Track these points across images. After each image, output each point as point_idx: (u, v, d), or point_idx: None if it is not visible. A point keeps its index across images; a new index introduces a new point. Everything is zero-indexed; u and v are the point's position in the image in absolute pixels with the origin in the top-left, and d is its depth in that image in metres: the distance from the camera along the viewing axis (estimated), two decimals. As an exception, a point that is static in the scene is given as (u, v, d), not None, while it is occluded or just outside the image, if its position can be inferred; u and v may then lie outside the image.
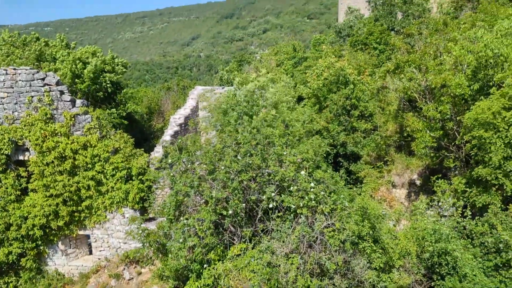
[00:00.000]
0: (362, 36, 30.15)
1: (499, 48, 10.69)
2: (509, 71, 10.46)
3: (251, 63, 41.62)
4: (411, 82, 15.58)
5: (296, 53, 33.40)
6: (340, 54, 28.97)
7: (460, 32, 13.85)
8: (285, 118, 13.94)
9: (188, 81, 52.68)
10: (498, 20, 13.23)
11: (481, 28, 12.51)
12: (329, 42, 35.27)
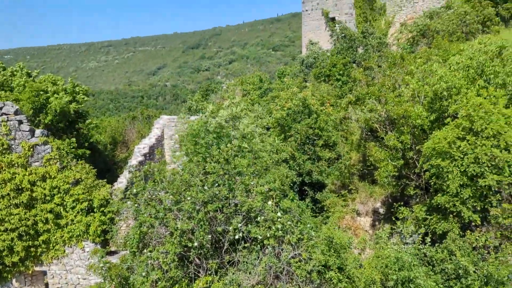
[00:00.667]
0: (325, 68, 31.16)
1: (452, 81, 11.36)
2: (461, 103, 11.08)
3: (218, 92, 41.89)
4: (371, 113, 16.18)
5: (262, 84, 34.00)
6: (304, 85, 29.76)
7: (417, 66, 14.63)
8: (254, 148, 14.03)
9: (153, 110, 52.26)
10: (450, 55, 14.10)
11: (436, 62, 13.27)
12: (294, 74, 36.19)
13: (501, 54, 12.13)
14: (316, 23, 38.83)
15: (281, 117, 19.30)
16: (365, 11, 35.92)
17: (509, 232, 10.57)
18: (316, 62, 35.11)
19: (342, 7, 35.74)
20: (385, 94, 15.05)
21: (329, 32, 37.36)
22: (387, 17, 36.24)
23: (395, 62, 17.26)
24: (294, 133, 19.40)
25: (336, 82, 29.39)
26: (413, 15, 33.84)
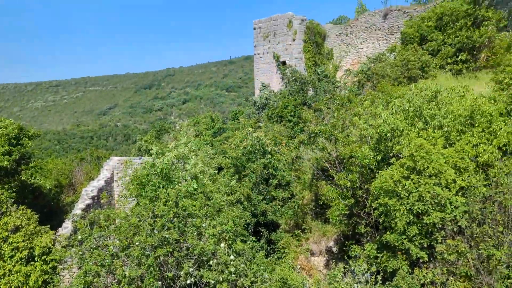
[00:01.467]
0: (277, 110, 31.97)
1: (394, 123, 12.03)
2: (404, 144, 11.69)
3: (170, 133, 41.55)
4: (322, 152, 16.65)
5: (214, 124, 34.19)
6: (258, 126, 30.22)
7: (363, 108, 15.37)
8: (205, 189, 13.87)
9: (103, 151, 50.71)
10: (393, 99, 14.98)
11: (380, 105, 14.04)
12: (247, 114, 36.79)
13: (437, 98, 13.06)
14: (267, 66, 40.13)
15: (236, 157, 19.38)
16: (314, 56, 37.66)
17: (454, 268, 10.95)
18: (269, 103, 36.02)
19: (292, 52, 37.29)
20: (335, 134, 15.61)
21: (281, 75, 38.68)
22: (334, 62, 38.15)
23: (343, 104, 18.08)
24: (249, 173, 19.47)
25: (288, 123, 30.17)
26: (358, 60, 35.87)
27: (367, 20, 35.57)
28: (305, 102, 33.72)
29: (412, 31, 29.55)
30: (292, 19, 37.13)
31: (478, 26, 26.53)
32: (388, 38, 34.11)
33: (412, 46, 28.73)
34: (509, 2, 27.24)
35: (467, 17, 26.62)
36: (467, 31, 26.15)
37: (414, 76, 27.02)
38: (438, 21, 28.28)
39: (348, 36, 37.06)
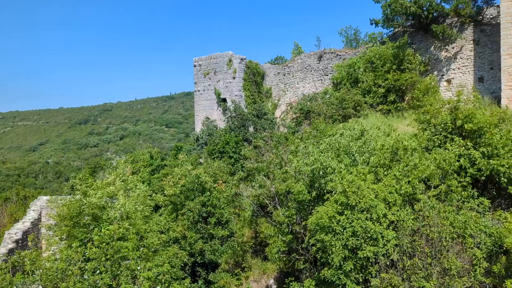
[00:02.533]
0: (219, 146, 32.01)
1: (325, 161, 12.52)
2: (337, 181, 12.14)
3: (106, 170, 39.95)
4: (261, 189, 16.79)
5: (153, 161, 33.42)
6: (198, 162, 29.95)
7: (298, 145, 15.85)
8: (139, 229, 13.31)
9: (31, 190, 47.36)
10: (326, 137, 15.62)
11: (312, 144, 14.57)
12: (188, 151, 36.44)
13: (364, 136, 13.82)
14: (208, 103, 40.41)
15: (174, 195, 18.93)
16: (253, 94, 38.59)
17: (388, 301, 11.26)
18: (210, 139, 36.02)
19: (232, 89, 37.97)
20: (273, 171, 15.86)
21: (221, 111, 39.06)
22: (273, 100, 39.30)
23: (280, 142, 18.55)
24: (187, 211, 19.04)
25: (230, 159, 30.24)
26: (296, 99, 37.23)
27: (303, 61, 37.33)
28: (246, 139, 34.15)
29: (344, 74, 31.39)
30: (232, 58, 38.05)
31: (404, 70, 28.80)
32: (323, 78, 35.90)
33: (345, 86, 30.44)
34: (429, 49, 29.98)
35: (394, 61, 28.84)
36: (394, 74, 28.25)
37: (348, 115, 28.43)
38: (368, 64, 30.35)
39: (286, 76, 38.54)
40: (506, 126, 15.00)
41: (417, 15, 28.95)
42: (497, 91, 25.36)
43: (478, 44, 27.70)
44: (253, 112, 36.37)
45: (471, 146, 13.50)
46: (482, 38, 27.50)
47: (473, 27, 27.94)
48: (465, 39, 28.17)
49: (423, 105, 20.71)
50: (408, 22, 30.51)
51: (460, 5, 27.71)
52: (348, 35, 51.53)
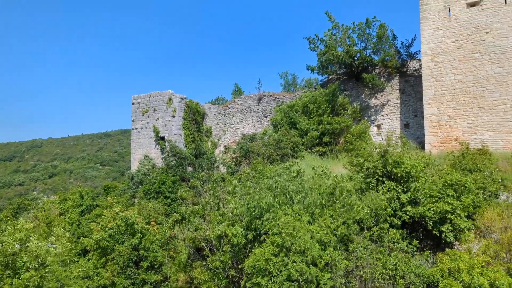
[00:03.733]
0: (155, 185, 30.95)
1: (262, 201, 12.50)
2: (273, 221, 12.10)
3: (31, 211, 37.07)
4: (197, 231, 16.26)
5: (83, 201, 31.52)
6: (132, 203, 28.66)
7: (233, 187, 15.70)
8: (58, 276, 12.20)
9: None
10: (264, 177, 15.70)
11: (248, 184, 14.53)
12: (122, 190, 34.85)
13: (300, 176, 14.06)
14: (146, 141, 39.42)
15: (102, 239, 17.77)
16: (193, 133, 38.35)
17: None
18: (146, 178, 34.79)
19: (171, 128, 37.46)
20: (209, 213, 15.49)
21: (159, 150, 38.18)
22: (213, 139, 39.26)
23: (218, 182, 18.32)
24: (117, 256, 17.87)
25: (166, 200, 29.25)
26: (235, 139, 37.47)
27: (243, 102, 38.00)
28: (184, 178, 33.41)
29: (281, 116, 32.28)
30: (172, 97, 37.84)
31: (337, 114, 30.22)
32: (262, 120, 36.64)
33: (283, 128, 31.23)
34: (361, 95, 31.86)
35: (328, 106, 30.23)
36: (328, 118, 29.52)
37: (286, 155, 28.99)
38: (304, 108, 31.53)
39: (226, 116, 38.87)
40: (429, 170, 16.02)
41: (349, 64, 30.94)
42: (421, 137, 27.31)
43: (403, 93, 29.94)
44: (192, 151, 35.94)
45: (401, 190, 14.19)
46: (407, 88, 29.82)
47: (399, 77, 30.28)
48: (392, 88, 30.36)
49: (355, 148, 21.68)
50: (341, 70, 32.47)
51: (387, 57, 30.05)
52: (287, 79, 53.68)
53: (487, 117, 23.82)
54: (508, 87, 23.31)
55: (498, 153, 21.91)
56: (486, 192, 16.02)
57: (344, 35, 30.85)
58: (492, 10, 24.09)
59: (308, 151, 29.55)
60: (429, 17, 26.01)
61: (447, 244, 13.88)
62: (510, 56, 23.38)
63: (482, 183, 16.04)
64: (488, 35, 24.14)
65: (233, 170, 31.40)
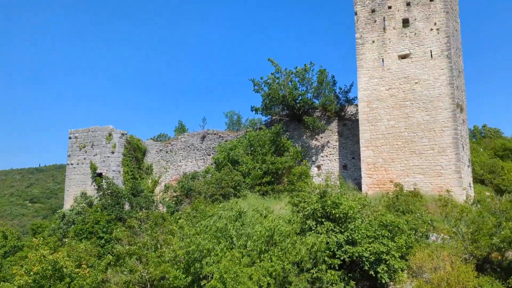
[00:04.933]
0: (88, 225, 29.20)
1: (202, 243, 12.17)
2: (214, 265, 11.76)
3: None
4: (132, 274, 15.40)
5: (7, 241, 28.95)
6: (62, 243, 26.75)
7: (177, 226, 15.24)
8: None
9: None
10: (205, 217, 15.37)
11: (189, 225, 14.16)
12: (52, 229, 32.49)
13: (241, 218, 13.95)
14: (82, 177, 37.53)
15: (25, 284, 16.22)
16: (133, 170, 37.14)
17: None
18: (79, 217, 32.77)
19: (110, 164, 36.06)
20: (147, 254, 14.78)
21: (96, 187, 36.39)
22: (154, 177, 38.20)
23: (157, 222, 17.67)
24: (41, 303, 16.34)
25: (99, 240, 27.60)
26: (177, 177, 36.72)
27: (186, 140, 37.67)
28: (121, 217, 31.87)
29: (225, 154, 32.33)
30: (112, 132, 36.69)
31: (280, 155, 30.78)
32: (205, 158, 36.39)
33: (226, 167, 31.17)
34: (302, 137, 32.83)
35: (271, 146, 30.76)
36: (271, 158, 29.95)
37: (228, 194, 28.78)
38: (247, 147, 31.82)
39: (168, 153, 38.20)
40: (366, 211, 16.58)
41: (292, 107, 32.00)
42: (358, 178, 28.41)
43: (342, 136, 31.29)
44: (130, 189, 34.58)
45: (338, 231, 14.50)
46: (345, 131, 31.23)
47: (338, 121, 31.71)
48: (331, 130, 31.65)
49: (296, 188, 22.03)
50: (284, 112, 33.46)
51: (327, 102, 31.49)
52: (232, 118, 54.26)
53: (417, 161, 25.38)
54: (435, 134, 25.15)
55: (428, 195, 23.25)
56: (417, 233, 16.79)
57: (287, 79, 32.07)
58: (420, 63, 26.29)
59: (250, 190, 29.55)
60: (364, 66, 27.82)
61: (382, 285, 14.22)
62: (436, 105, 25.41)
63: (414, 224, 16.82)
64: (417, 85, 26.18)
65: (173, 210, 30.54)
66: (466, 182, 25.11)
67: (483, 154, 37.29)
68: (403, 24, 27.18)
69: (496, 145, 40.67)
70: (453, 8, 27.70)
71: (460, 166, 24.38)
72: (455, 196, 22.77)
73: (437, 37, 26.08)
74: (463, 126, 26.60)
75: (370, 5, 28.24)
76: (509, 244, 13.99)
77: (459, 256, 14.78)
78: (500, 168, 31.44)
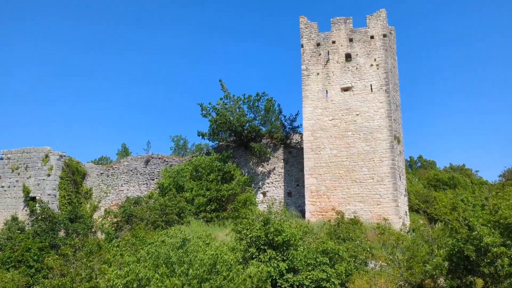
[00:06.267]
0: (17, 253, 27.09)
1: (141, 272, 11.69)
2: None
3: None
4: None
5: None
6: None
7: (112, 254, 14.54)
8: None
9: None
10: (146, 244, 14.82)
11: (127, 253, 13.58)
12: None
13: (185, 245, 13.61)
14: (13, 201, 35.04)
15: None
16: (71, 194, 35.31)
17: None
18: (7, 245, 30.35)
19: (45, 188, 34.04)
20: (78, 286, 13.90)
21: (28, 212, 34.05)
22: (93, 201, 36.49)
23: (92, 250, 16.78)
24: None
25: (28, 270, 25.63)
26: (118, 202, 35.34)
27: (129, 163, 36.56)
28: (55, 245, 29.92)
29: (170, 180, 31.69)
30: (50, 153, 34.82)
31: (226, 181, 30.65)
32: (149, 182, 35.43)
33: (171, 192, 30.50)
34: (249, 163, 33.01)
35: (217, 172, 30.58)
36: (216, 184, 29.74)
37: (171, 221, 28.06)
38: (193, 173, 31.42)
39: (109, 177, 36.79)
40: (308, 238, 16.83)
41: (239, 133, 32.23)
42: (302, 205, 28.88)
43: (287, 163, 31.86)
44: (66, 214, 32.72)
45: (280, 258, 14.56)
46: (290, 158, 31.85)
47: (283, 148, 32.31)
48: (277, 158, 32.14)
49: (241, 215, 21.95)
50: (231, 138, 33.58)
51: (273, 129, 32.10)
52: (178, 142, 53.57)
53: (358, 189, 26.32)
54: (375, 164, 26.33)
55: (367, 223, 24.07)
56: (357, 260, 17.23)
57: (235, 105, 32.40)
58: (361, 96, 27.69)
59: (195, 217, 29.03)
60: (309, 97, 28.82)
61: (322, 313, 14.33)
62: (376, 137, 26.72)
63: (354, 251, 17.27)
64: (358, 116, 27.46)
65: (113, 236, 29.19)
66: (402, 211, 26.33)
67: (418, 184, 39.46)
68: (346, 58, 28.64)
69: (429, 175, 43.22)
70: (391, 46, 29.66)
71: (397, 195, 25.58)
72: (392, 224, 23.77)
73: (377, 72, 27.70)
74: (400, 157, 28.09)
75: (316, 39, 29.55)
76: (441, 271, 14.71)
77: (395, 283, 15.31)
78: (433, 198, 33.30)
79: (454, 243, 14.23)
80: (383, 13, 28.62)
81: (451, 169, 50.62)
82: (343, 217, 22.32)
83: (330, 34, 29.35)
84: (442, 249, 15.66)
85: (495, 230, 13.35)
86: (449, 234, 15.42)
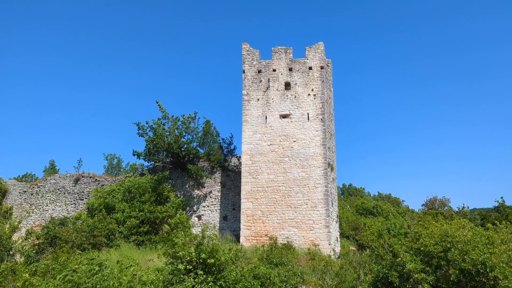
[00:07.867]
0: None
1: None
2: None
3: None
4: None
5: None
6: None
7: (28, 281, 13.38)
8: None
9: None
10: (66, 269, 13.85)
11: (46, 279, 12.63)
12: None
13: (102, 270, 12.89)
14: None
15: None
16: (-13, 213, 32.35)
17: None
18: None
19: (-43, 205, 30.93)
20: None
21: None
22: (13, 221, 33.66)
23: (5, 275, 15.31)
24: None
25: None
26: (42, 222, 32.95)
27: (57, 181, 34.44)
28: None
29: (100, 200, 30.22)
30: (-34, 167, 31.90)
31: (160, 203, 29.79)
32: (77, 202, 33.52)
33: (100, 214, 29.01)
34: (185, 185, 32.43)
35: (152, 194, 29.66)
36: (150, 206, 28.79)
37: (100, 244, 26.60)
38: (126, 194, 30.22)
39: (33, 196, 34.32)
40: (240, 263, 16.70)
41: (176, 154, 31.70)
42: (237, 230, 28.73)
43: (224, 186, 31.72)
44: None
45: (211, 281, 14.23)
46: (228, 182, 31.77)
47: (221, 171, 32.19)
48: (214, 181, 31.92)
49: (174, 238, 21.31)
50: (168, 159, 32.90)
51: (211, 152, 31.96)
52: (112, 161, 51.44)
53: (292, 215, 26.75)
54: (309, 190, 26.99)
55: (300, 248, 24.42)
56: (288, 285, 17.33)
57: (173, 126, 31.95)
58: (299, 123, 28.54)
59: (125, 240, 27.73)
60: (249, 121, 29.19)
61: None
62: (311, 163, 27.51)
63: (285, 276, 17.37)
64: (295, 143, 28.19)
65: (33, 259, 27.01)
66: (334, 237, 27.08)
67: (349, 211, 40.98)
68: (285, 86, 29.53)
69: (358, 203, 45.16)
70: (328, 78, 31.09)
71: (329, 221, 26.31)
72: (323, 249, 24.31)
73: (314, 102, 28.79)
74: (333, 184, 29.07)
75: (257, 66, 30.24)
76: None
77: (324, 307, 15.54)
78: (362, 224, 34.68)
79: (379, 269, 14.79)
80: (321, 46, 30.04)
81: (379, 197, 53.27)
82: (276, 242, 22.48)
83: (271, 62, 30.19)
84: (369, 275, 16.22)
85: (417, 257, 14.10)
86: (375, 261, 16.03)
